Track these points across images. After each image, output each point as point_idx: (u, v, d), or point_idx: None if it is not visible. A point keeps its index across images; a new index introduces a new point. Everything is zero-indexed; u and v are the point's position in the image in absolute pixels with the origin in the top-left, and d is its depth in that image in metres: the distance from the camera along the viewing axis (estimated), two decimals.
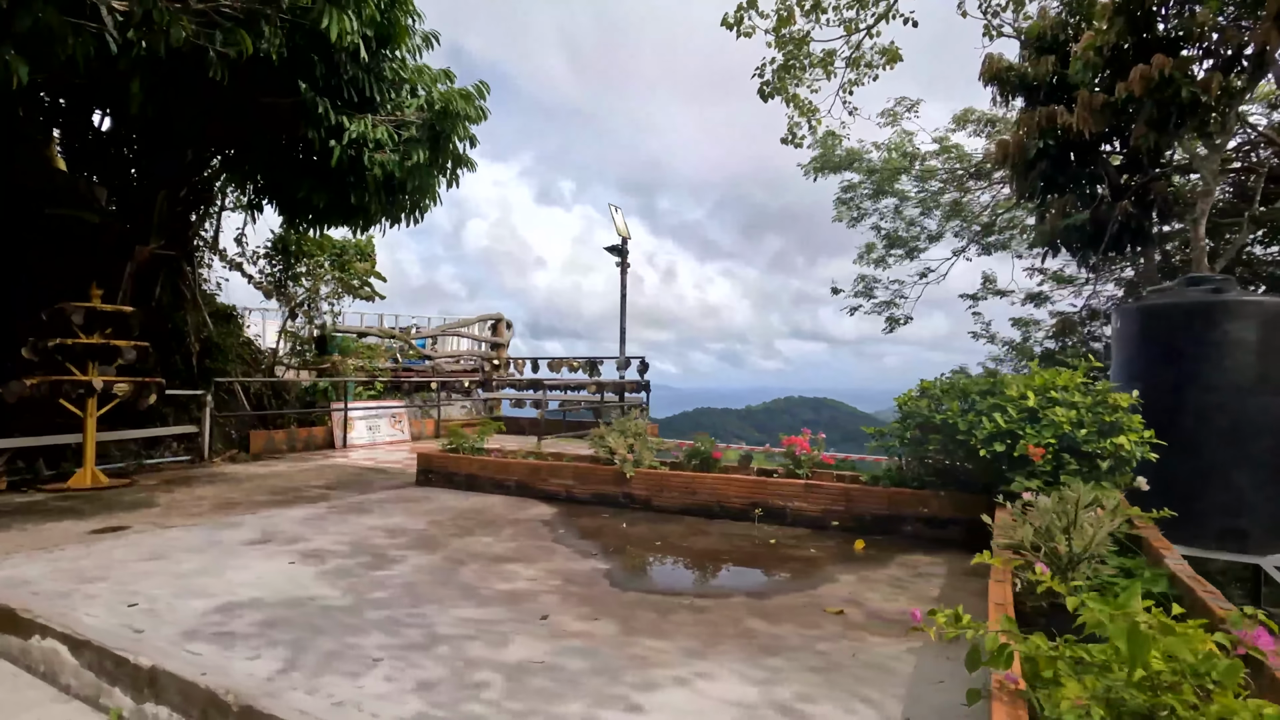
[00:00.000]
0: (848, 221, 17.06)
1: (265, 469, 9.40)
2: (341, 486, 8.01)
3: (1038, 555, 3.00)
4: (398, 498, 7.28)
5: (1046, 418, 4.64)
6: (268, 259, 12.95)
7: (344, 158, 8.17)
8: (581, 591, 4.13)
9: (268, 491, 7.61)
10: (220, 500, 7.05)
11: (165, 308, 10.78)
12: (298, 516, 6.26)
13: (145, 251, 10.40)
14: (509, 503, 7.02)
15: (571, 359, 14.68)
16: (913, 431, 5.53)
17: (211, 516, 6.25)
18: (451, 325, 17.77)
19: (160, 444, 10.00)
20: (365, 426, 12.79)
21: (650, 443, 7.06)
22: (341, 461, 10.31)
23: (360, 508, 6.70)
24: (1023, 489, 4.43)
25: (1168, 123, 8.90)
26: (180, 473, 8.98)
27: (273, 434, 11.22)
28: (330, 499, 7.19)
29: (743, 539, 5.53)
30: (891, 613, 3.77)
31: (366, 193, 8.82)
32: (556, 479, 7.18)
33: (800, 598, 4.05)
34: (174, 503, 6.93)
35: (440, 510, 6.62)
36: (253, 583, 4.23)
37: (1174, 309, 7.84)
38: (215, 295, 12.09)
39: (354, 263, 13.57)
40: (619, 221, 13.31)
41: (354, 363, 13.57)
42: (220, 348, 11.17)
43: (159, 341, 10.65)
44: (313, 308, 13.55)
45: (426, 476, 8.10)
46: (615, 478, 6.80)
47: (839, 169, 16.28)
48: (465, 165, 9.61)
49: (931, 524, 5.40)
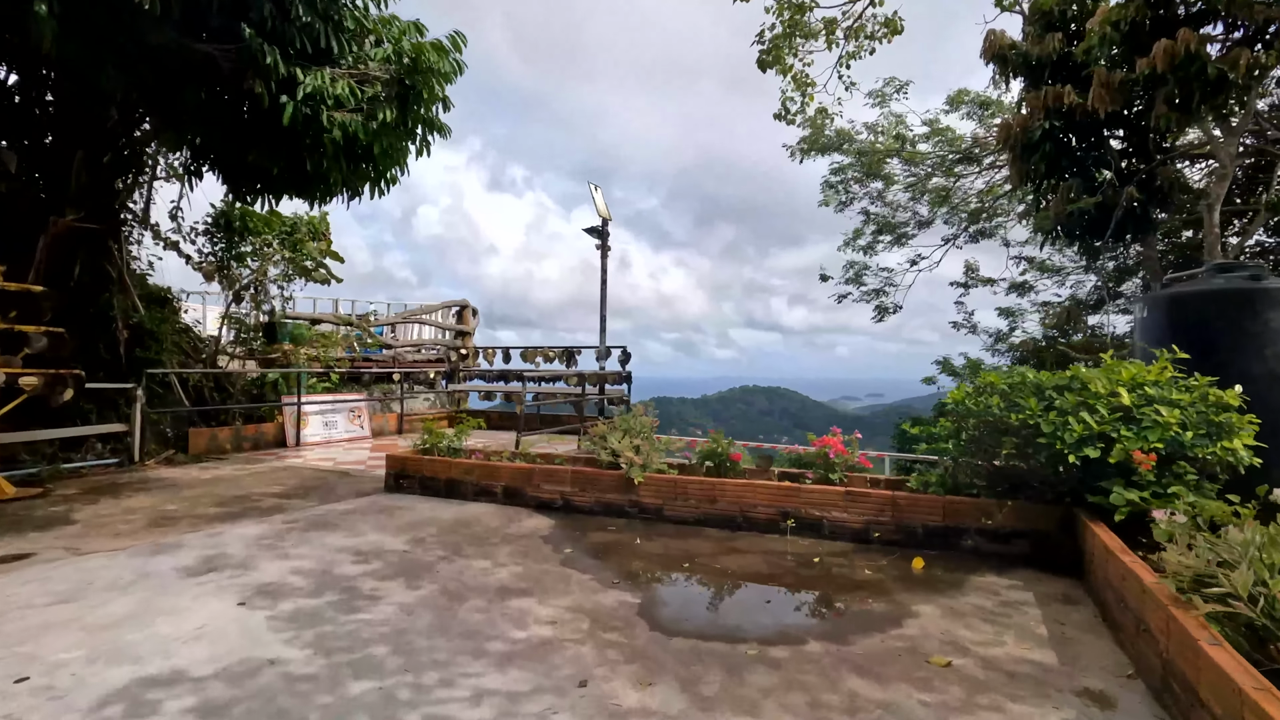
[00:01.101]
0: (835, 206, 16.48)
1: (208, 473, 8.27)
2: (299, 494, 6.99)
3: (1252, 608, 2.31)
4: (369, 507, 6.32)
5: (1147, 418, 4.01)
6: (208, 236, 11.61)
7: (297, 116, 7.08)
8: (619, 639, 3.31)
9: (212, 501, 6.54)
10: (154, 514, 5.97)
11: (87, 288, 9.45)
12: (249, 535, 5.26)
13: (62, 224, 9.05)
14: (499, 513, 6.14)
15: (547, 348, 13.73)
16: (973, 432, 4.87)
17: (143, 537, 5.19)
18: (413, 312, 16.58)
19: (82, 445, 8.73)
20: (321, 422, 11.64)
21: (658, 443, 6.26)
22: (296, 462, 9.21)
23: (324, 522, 5.73)
24: (1130, 503, 3.79)
25: (1190, 101, 8.47)
26: (106, 479, 7.78)
27: (216, 432, 10.02)
28: (287, 510, 6.18)
29: (781, 557, 4.79)
30: (1009, 662, 3.07)
31: (325, 158, 7.73)
32: (552, 485, 6.32)
33: (889, 641, 3.32)
34: (96, 518, 5.82)
35: (420, 524, 5.69)
36: (192, 636, 3.29)
37: (1208, 297, 7.40)
38: (147, 276, 10.74)
39: (306, 242, 12.33)
40: (599, 201, 12.38)
41: (307, 352, 12.36)
42: (154, 335, 9.88)
43: (79, 327, 9.33)
44: (260, 291, 12.26)
45: (398, 481, 7.14)
46: (620, 484, 5.98)
47: (828, 150, 15.65)
48: (438, 131, 8.57)
49: (994, 537, 4.75)
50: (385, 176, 8.94)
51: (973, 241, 15.96)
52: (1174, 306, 7.69)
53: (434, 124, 8.53)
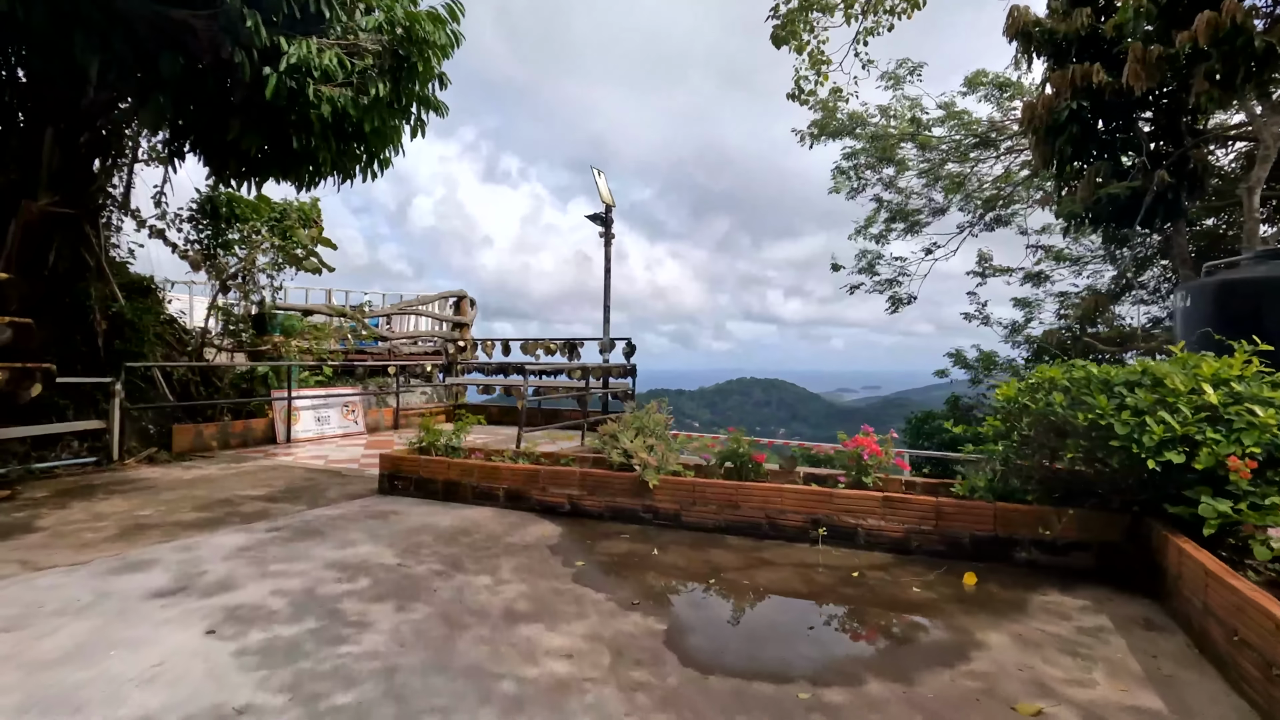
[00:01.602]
0: (847, 193, 15.92)
1: (191, 472, 7.78)
2: (287, 497, 6.51)
3: None
4: (359, 512, 5.84)
5: (1240, 418, 3.54)
6: (193, 224, 11.06)
7: (281, 90, 6.56)
8: (647, 679, 2.84)
9: (192, 505, 6.06)
10: (126, 521, 5.48)
11: (63, 277, 8.93)
12: (228, 546, 4.78)
13: (35, 208, 8.53)
14: (501, 519, 5.67)
15: (548, 340, 13.21)
16: (1027, 432, 4.41)
17: (109, 548, 4.71)
18: (410, 303, 16.06)
19: (57, 444, 8.23)
20: (313, 418, 11.15)
21: (674, 442, 5.79)
22: (286, 461, 8.73)
23: (310, 529, 5.25)
24: (1222, 515, 3.33)
25: (1234, 77, 7.98)
26: (81, 480, 7.29)
27: (201, 429, 9.52)
28: (272, 515, 5.70)
29: (816, 571, 4.33)
30: (1110, 710, 2.61)
31: (313, 136, 7.20)
32: (558, 488, 5.85)
33: (959, 679, 2.86)
34: (63, 525, 5.34)
35: (415, 532, 5.22)
36: (149, 675, 2.81)
37: (1261, 284, 6.96)
38: (128, 264, 10.20)
39: (296, 229, 11.78)
40: (602, 187, 11.86)
41: (299, 344, 11.83)
42: (134, 326, 9.35)
43: (54, 318, 8.81)
44: (248, 281, 11.73)
45: (392, 483, 6.66)
46: (633, 487, 5.51)
47: (840, 135, 15.09)
48: (434, 109, 8.05)
49: (1052, 549, 4.29)
50: (378, 158, 8.42)
51: (988, 230, 15.45)
52: (1223, 294, 7.21)
53: (429, 101, 8.01)
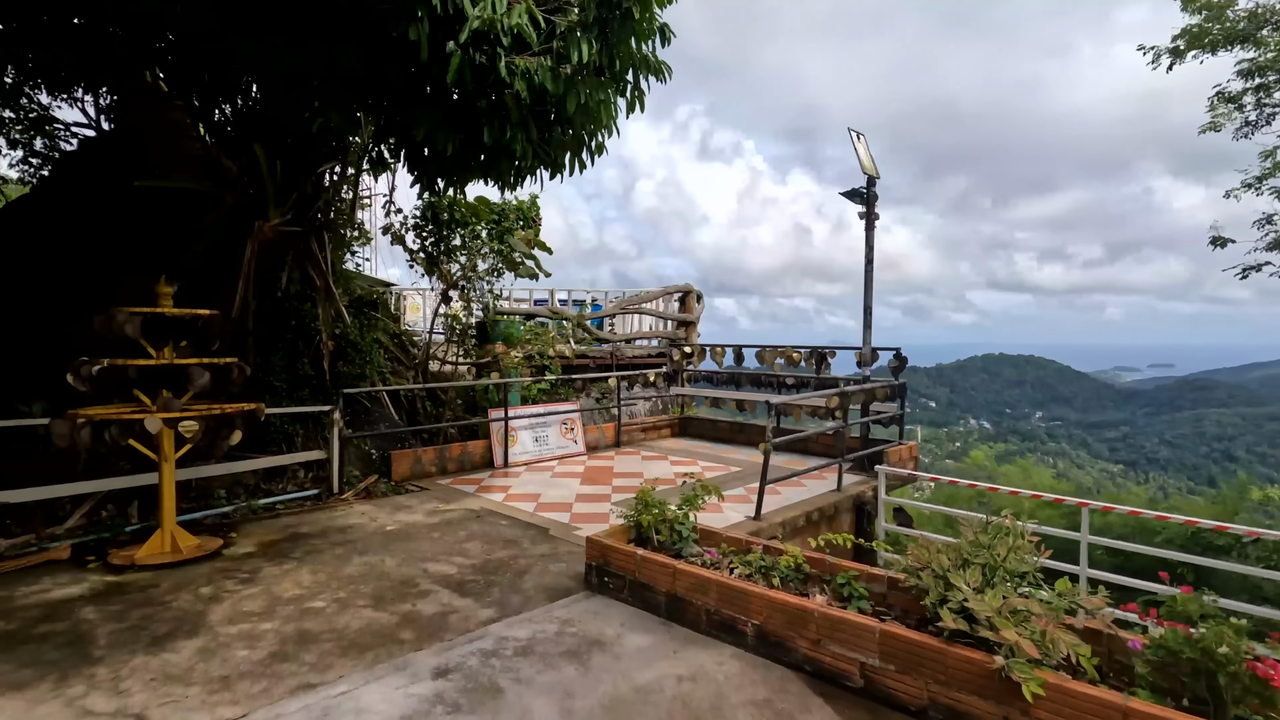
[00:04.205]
0: (1237, 127, 11.11)
1: (396, 518, 6.95)
2: (477, 581, 5.19)
3: None
4: (554, 639, 4.24)
5: None
6: (416, 230, 10.65)
7: (465, 69, 5.12)
8: None
9: (373, 589, 4.98)
10: (290, 624, 4.46)
11: (292, 299, 8.75)
12: (375, 710, 3.40)
13: (267, 228, 8.33)
14: (751, 678, 3.69)
15: (790, 349, 10.97)
16: None
17: (242, 688, 3.58)
18: (632, 300, 14.80)
19: (284, 474, 7.99)
20: (531, 438, 10.19)
21: (1056, 601, 3.28)
22: (494, 502, 7.65)
23: (487, 681, 3.72)
24: None
25: None
26: (293, 524, 6.75)
27: (420, 453, 8.89)
28: (450, 629, 4.34)
29: None
30: None
31: (508, 124, 5.75)
32: (840, 645, 3.70)
33: None
34: (228, 623, 4.45)
35: (627, 697, 3.44)
36: None
37: None
38: (355, 279, 9.98)
39: (515, 230, 10.88)
40: (863, 153, 9.23)
41: (517, 354, 11.00)
42: (357, 347, 8.99)
43: (284, 344, 8.64)
44: (469, 287, 11.11)
45: (602, 579, 5.02)
46: (983, 680, 3.16)
47: (1227, 44, 10.43)
48: (654, 73, 6.19)
49: None
50: (588, 144, 6.81)
51: None
52: None
53: (649, 64, 6.16)
